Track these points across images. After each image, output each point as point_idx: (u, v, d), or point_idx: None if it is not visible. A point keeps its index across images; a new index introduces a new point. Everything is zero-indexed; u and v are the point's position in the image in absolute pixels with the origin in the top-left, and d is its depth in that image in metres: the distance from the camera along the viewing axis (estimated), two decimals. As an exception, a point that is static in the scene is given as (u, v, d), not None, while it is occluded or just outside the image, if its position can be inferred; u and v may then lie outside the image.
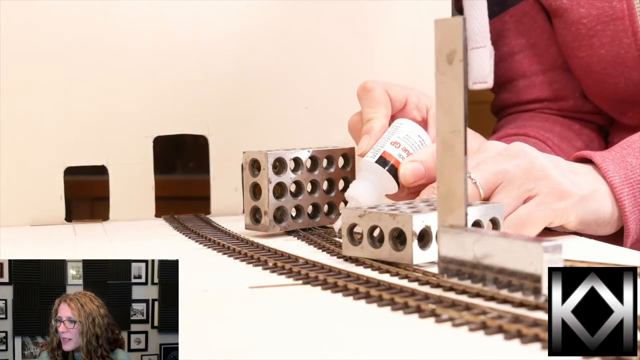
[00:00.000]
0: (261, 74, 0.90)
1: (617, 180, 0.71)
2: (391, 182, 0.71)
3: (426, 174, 0.70)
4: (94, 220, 0.88)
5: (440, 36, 0.50)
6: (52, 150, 0.85)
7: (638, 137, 0.76)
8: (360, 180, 0.71)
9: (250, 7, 0.89)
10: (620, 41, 0.89)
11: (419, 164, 0.70)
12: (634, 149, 0.74)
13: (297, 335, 0.44)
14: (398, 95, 0.77)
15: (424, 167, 0.70)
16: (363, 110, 0.76)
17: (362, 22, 0.92)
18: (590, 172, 0.72)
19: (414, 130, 0.73)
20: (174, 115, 0.88)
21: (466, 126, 0.49)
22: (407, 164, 0.70)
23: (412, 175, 0.70)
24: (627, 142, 0.76)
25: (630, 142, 0.76)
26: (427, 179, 0.70)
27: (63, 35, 0.84)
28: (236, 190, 0.90)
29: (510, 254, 0.47)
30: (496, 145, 0.71)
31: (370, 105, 0.75)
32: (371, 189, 0.71)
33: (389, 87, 0.77)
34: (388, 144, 0.72)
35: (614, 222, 0.72)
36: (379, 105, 0.75)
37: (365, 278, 0.54)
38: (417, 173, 0.70)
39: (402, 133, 0.72)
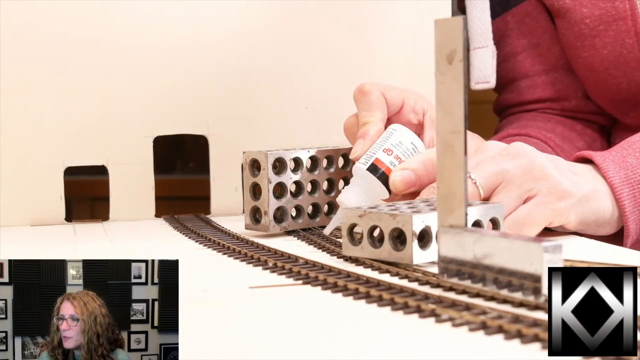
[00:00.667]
0: (261, 74, 0.90)
1: (617, 180, 0.71)
2: (382, 189, 0.71)
3: (417, 181, 0.70)
4: (94, 220, 0.88)
5: (440, 36, 0.50)
6: (52, 150, 0.85)
7: (639, 137, 0.76)
8: (351, 187, 0.72)
9: (250, 7, 0.89)
10: (622, 41, 0.89)
11: (410, 171, 0.70)
12: (634, 149, 0.74)
13: (297, 335, 0.44)
14: (395, 98, 0.77)
15: (414, 175, 0.70)
16: (359, 113, 0.76)
17: (362, 22, 0.92)
18: (590, 172, 0.72)
19: (408, 138, 0.73)
20: (174, 115, 0.88)
21: (466, 126, 0.49)
22: (398, 171, 0.70)
23: (402, 183, 0.70)
24: (628, 142, 0.76)
25: (631, 143, 0.76)
26: (418, 187, 0.70)
27: (63, 35, 0.84)
28: (236, 190, 0.90)
29: (510, 254, 0.47)
30: (496, 145, 0.71)
31: (366, 109, 0.75)
32: (361, 195, 0.71)
33: (385, 89, 0.77)
34: (380, 151, 0.72)
35: (614, 222, 0.72)
36: (375, 109, 0.75)
37: (365, 278, 0.54)
38: (408, 181, 0.70)
39: (395, 140, 0.72)
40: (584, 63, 0.93)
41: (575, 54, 0.93)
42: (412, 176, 0.70)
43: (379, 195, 0.72)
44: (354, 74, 0.92)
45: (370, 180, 0.71)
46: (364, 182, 0.71)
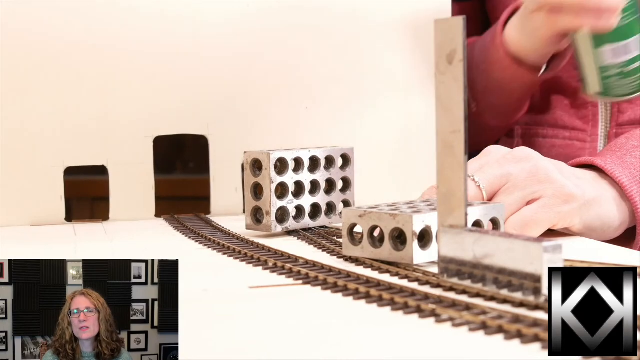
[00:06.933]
0: (261, 74, 0.90)
1: (625, 180, 0.71)
2: None
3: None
4: (94, 220, 0.88)
5: (440, 36, 0.50)
6: (52, 150, 0.85)
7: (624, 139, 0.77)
8: None
9: (250, 7, 0.89)
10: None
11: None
12: (626, 149, 0.75)
13: (297, 335, 0.44)
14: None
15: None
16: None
17: (362, 22, 0.92)
18: (593, 178, 0.72)
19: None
20: (174, 115, 0.88)
21: (466, 126, 0.49)
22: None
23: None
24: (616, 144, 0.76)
25: (620, 144, 0.76)
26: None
27: (63, 35, 0.84)
28: (236, 190, 0.90)
29: (511, 254, 0.47)
30: (500, 149, 0.71)
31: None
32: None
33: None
34: None
35: (618, 227, 0.72)
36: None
37: (365, 278, 0.54)
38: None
39: None
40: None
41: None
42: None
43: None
44: (354, 74, 0.92)
45: None
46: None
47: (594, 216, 0.69)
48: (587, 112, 0.94)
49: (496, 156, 0.69)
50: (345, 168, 0.79)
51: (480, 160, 0.70)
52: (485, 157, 0.70)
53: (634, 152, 0.74)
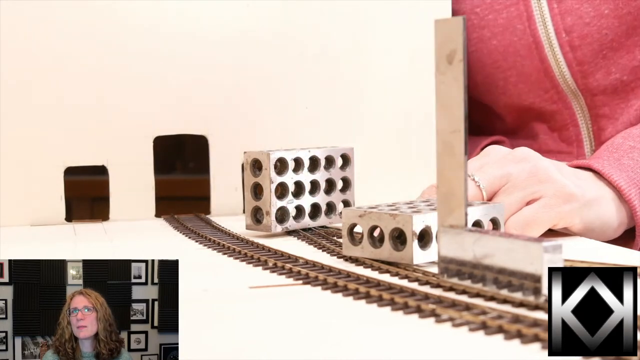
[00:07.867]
0: (261, 74, 0.90)
1: (623, 182, 0.71)
2: None
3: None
4: (94, 220, 0.88)
5: (440, 36, 0.50)
6: (52, 150, 0.85)
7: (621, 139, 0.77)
8: None
9: (250, 7, 0.89)
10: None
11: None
12: (623, 150, 0.74)
13: (297, 335, 0.44)
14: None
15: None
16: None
17: (362, 22, 0.92)
18: (592, 179, 0.72)
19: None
20: (174, 115, 0.88)
21: (466, 126, 0.49)
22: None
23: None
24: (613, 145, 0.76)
25: (617, 145, 0.76)
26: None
27: (63, 35, 0.84)
28: (236, 190, 0.90)
29: (511, 254, 0.47)
30: (500, 149, 0.71)
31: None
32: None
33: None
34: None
35: (617, 227, 0.72)
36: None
37: (365, 278, 0.54)
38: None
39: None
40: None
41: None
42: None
43: None
44: (354, 74, 0.92)
45: None
46: None
47: (594, 216, 0.69)
48: (569, 134, 0.94)
49: (496, 156, 0.69)
50: (345, 168, 0.79)
51: (480, 160, 0.70)
52: (485, 157, 0.70)
53: (631, 153, 0.74)
